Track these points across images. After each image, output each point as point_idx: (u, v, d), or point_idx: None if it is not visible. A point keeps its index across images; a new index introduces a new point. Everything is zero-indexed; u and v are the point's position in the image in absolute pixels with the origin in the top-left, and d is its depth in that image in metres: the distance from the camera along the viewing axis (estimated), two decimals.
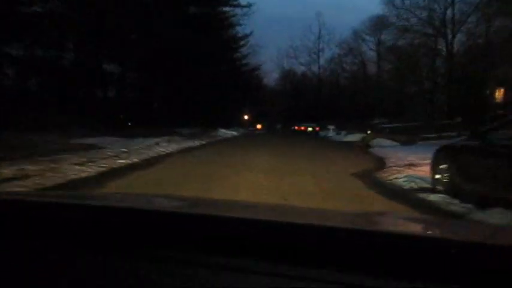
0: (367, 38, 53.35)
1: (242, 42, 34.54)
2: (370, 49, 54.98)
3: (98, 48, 19.96)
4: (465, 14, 32.44)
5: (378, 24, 45.46)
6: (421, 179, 7.25)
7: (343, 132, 29.85)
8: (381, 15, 41.68)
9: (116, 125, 18.28)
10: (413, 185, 7.08)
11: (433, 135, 19.21)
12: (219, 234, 0.82)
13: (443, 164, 6.24)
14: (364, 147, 18.93)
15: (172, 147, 13.03)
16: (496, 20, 28.90)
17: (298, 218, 1.14)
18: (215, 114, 36.14)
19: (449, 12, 32.86)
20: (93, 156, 9.13)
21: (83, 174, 7.14)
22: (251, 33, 33.41)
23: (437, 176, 6.37)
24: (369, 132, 20.51)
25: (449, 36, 33.07)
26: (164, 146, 12.60)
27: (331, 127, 32.35)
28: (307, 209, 2.00)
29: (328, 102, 59.17)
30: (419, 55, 34.72)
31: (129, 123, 18.84)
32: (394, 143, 18.16)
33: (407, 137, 19.22)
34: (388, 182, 7.86)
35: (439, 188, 6.24)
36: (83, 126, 16.46)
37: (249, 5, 28.68)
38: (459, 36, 33.38)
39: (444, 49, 33.78)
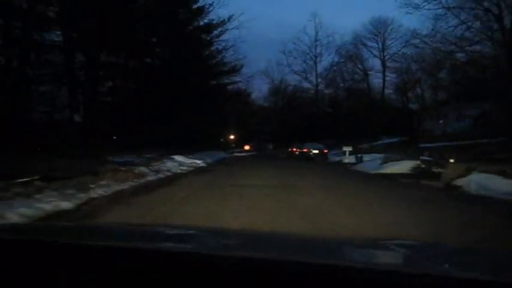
0: (369, 43, 46.00)
1: (217, 31, 24.37)
2: (374, 56, 46.96)
3: None
4: None
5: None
6: None
7: (366, 157, 19.86)
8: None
9: None
10: None
11: None
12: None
13: None
14: (449, 190, 9.06)
15: None
16: None
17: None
18: (184, 132, 26.03)
19: None
20: None
21: None
22: (230, 18, 23.47)
23: None
24: (451, 161, 10.67)
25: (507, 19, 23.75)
26: None
27: (347, 149, 22.33)
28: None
29: (328, 117, 49.54)
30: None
31: None
32: None
33: None
34: None
35: None
36: None
37: None
38: None
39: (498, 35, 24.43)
